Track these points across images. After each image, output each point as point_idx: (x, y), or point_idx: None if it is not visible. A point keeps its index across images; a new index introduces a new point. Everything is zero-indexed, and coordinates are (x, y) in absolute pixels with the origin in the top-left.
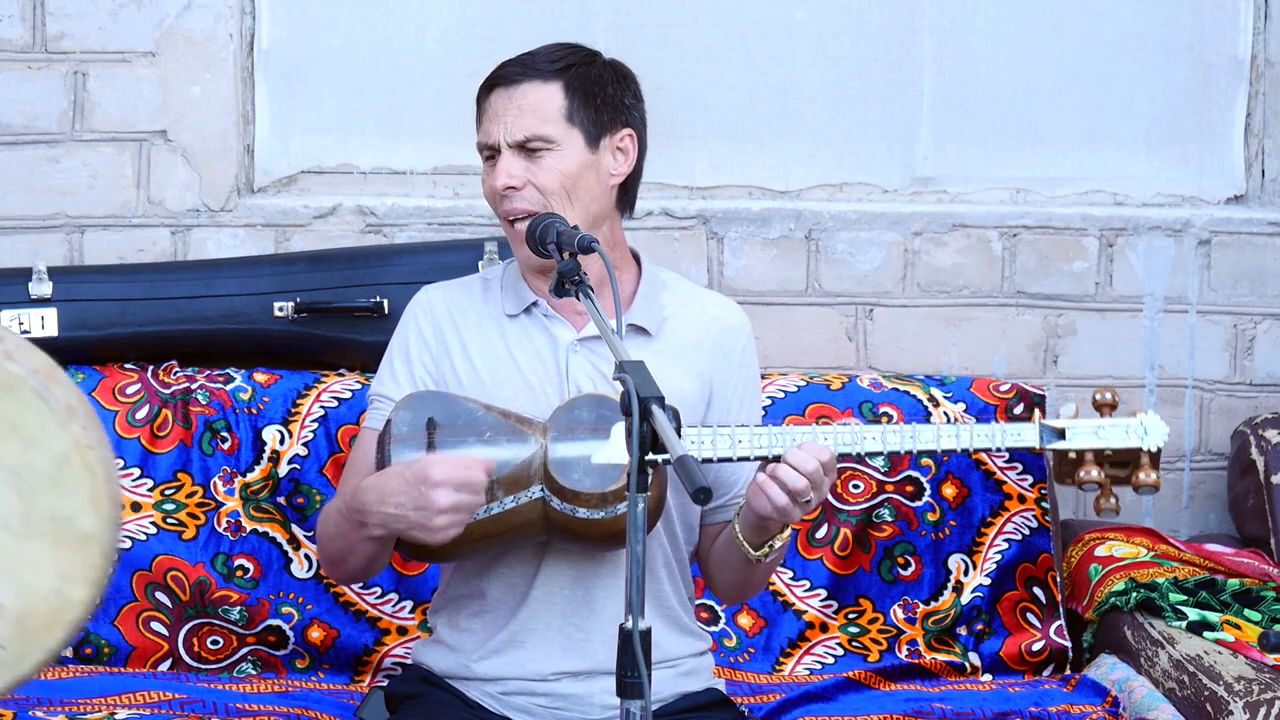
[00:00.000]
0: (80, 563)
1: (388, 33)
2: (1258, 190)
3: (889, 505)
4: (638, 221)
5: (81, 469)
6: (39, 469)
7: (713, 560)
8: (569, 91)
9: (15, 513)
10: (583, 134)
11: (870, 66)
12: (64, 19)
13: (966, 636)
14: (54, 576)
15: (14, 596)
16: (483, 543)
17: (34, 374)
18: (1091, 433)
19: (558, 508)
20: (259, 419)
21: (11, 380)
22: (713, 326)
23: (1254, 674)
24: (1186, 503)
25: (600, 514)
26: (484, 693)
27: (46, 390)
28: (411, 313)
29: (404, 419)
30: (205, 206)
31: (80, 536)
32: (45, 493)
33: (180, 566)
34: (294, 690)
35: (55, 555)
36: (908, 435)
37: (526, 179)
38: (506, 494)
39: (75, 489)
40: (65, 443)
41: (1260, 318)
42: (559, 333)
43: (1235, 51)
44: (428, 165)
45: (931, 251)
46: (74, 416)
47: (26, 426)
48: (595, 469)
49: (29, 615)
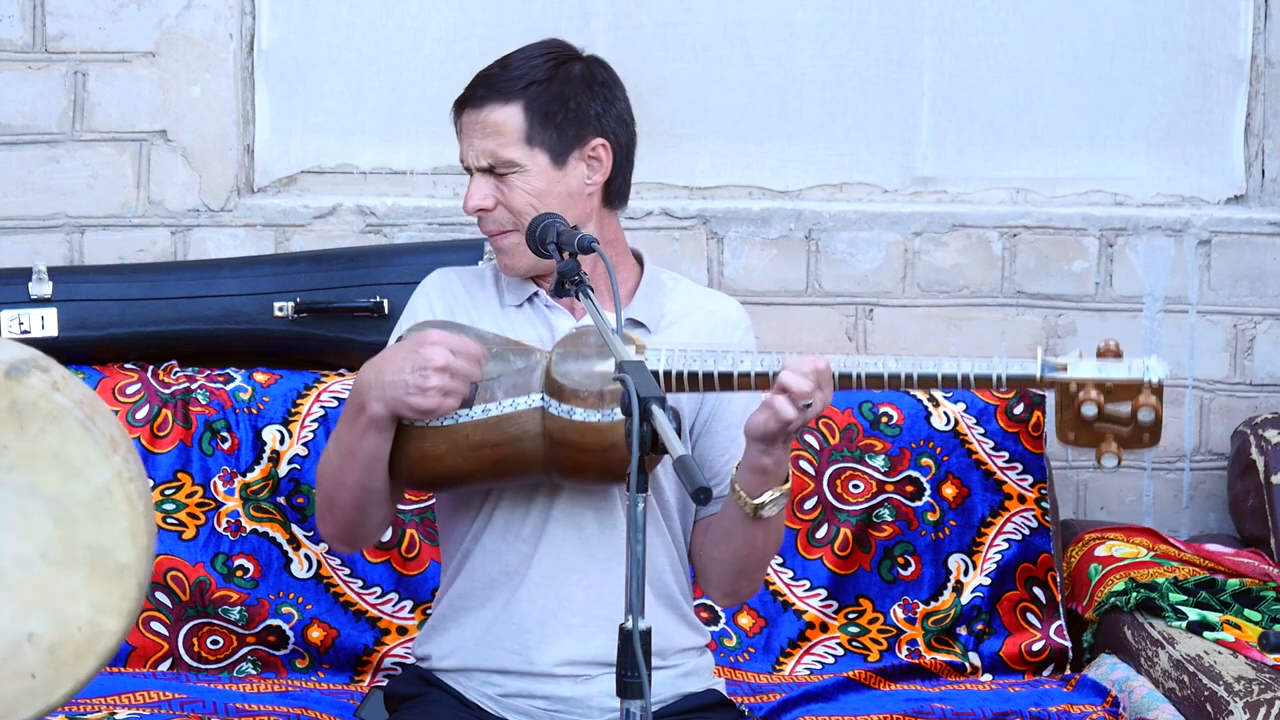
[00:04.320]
0: (116, 594)
1: (388, 33)
2: (1258, 190)
3: (889, 505)
4: (637, 221)
5: (123, 500)
6: (80, 499)
7: (708, 543)
8: (527, 113)
9: (53, 541)
10: (546, 153)
11: (870, 66)
12: (64, 19)
13: (966, 636)
14: (88, 607)
15: (48, 626)
16: (477, 454)
17: (79, 405)
18: (1093, 368)
19: (555, 413)
20: (259, 419)
21: (58, 411)
22: (709, 320)
23: (1254, 674)
24: (1186, 503)
25: (597, 416)
26: (483, 694)
27: (91, 422)
28: (424, 289)
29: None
30: (205, 206)
31: (117, 568)
32: (84, 523)
33: (180, 566)
34: (294, 690)
35: (90, 586)
36: (908, 363)
37: (496, 199)
38: (505, 397)
39: (115, 520)
40: (107, 474)
41: (1260, 318)
42: (558, 322)
43: (1235, 51)
44: (428, 165)
45: (931, 251)
46: (116, 449)
47: (70, 458)
48: (595, 375)
49: (61, 645)
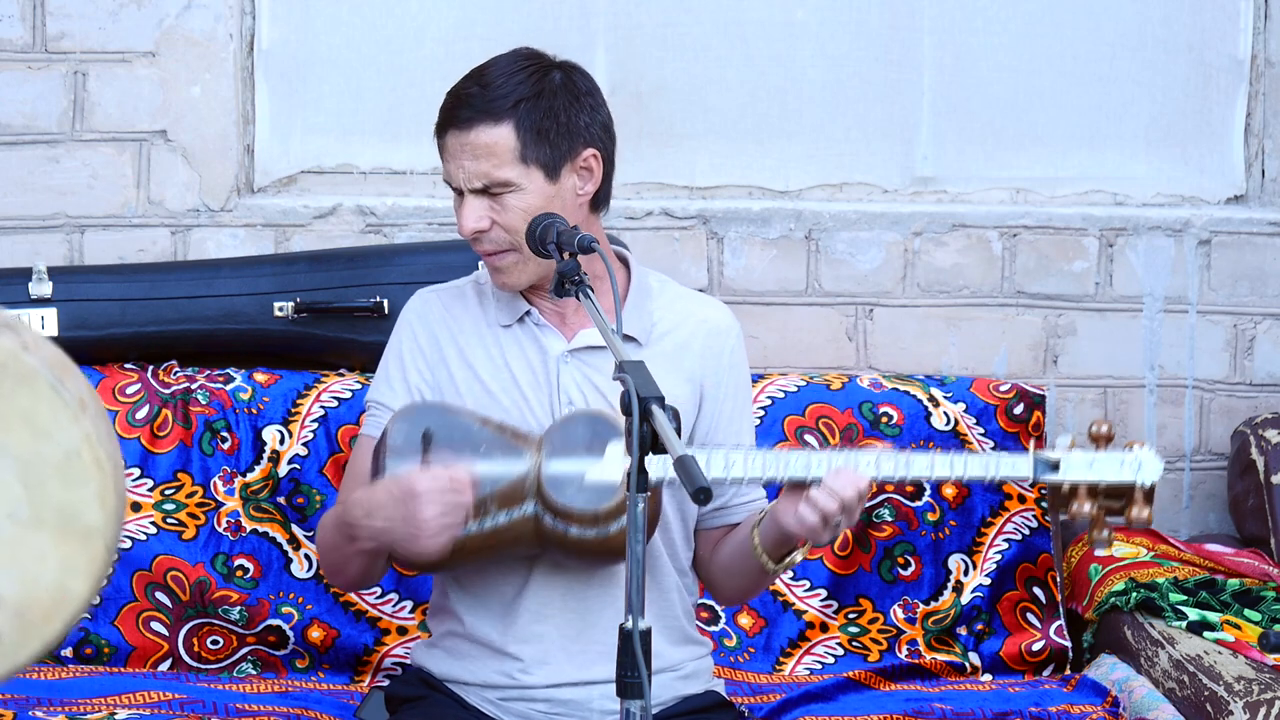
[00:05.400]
0: (83, 556)
1: (388, 33)
2: (1258, 190)
3: (889, 505)
4: (637, 221)
5: (91, 463)
6: (48, 461)
7: (717, 566)
8: (520, 131)
9: (21, 503)
10: (540, 170)
11: (870, 66)
12: (64, 19)
13: (966, 636)
14: (56, 568)
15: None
16: (475, 556)
17: (49, 367)
18: (1085, 465)
19: (550, 525)
20: (259, 419)
21: (27, 372)
22: (700, 329)
23: (1254, 674)
24: (1186, 503)
25: (592, 533)
26: (482, 699)
27: (60, 384)
28: (406, 319)
29: (400, 430)
30: (205, 206)
31: (85, 530)
32: (52, 485)
33: (180, 566)
34: (294, 690)
35: (59, 547)
36: (902, 463)
37: (492, 219)
38: (499, 509)
39: (83, 483)
40: (76, 437)
41: (1260, 318)
42: (550, 343)
43: (1235, 51)
44: (428, 165)
45: (931, 251)
46: (85, 411)
47: (39, 418)
48: (589, 487)
49: (29, 606)
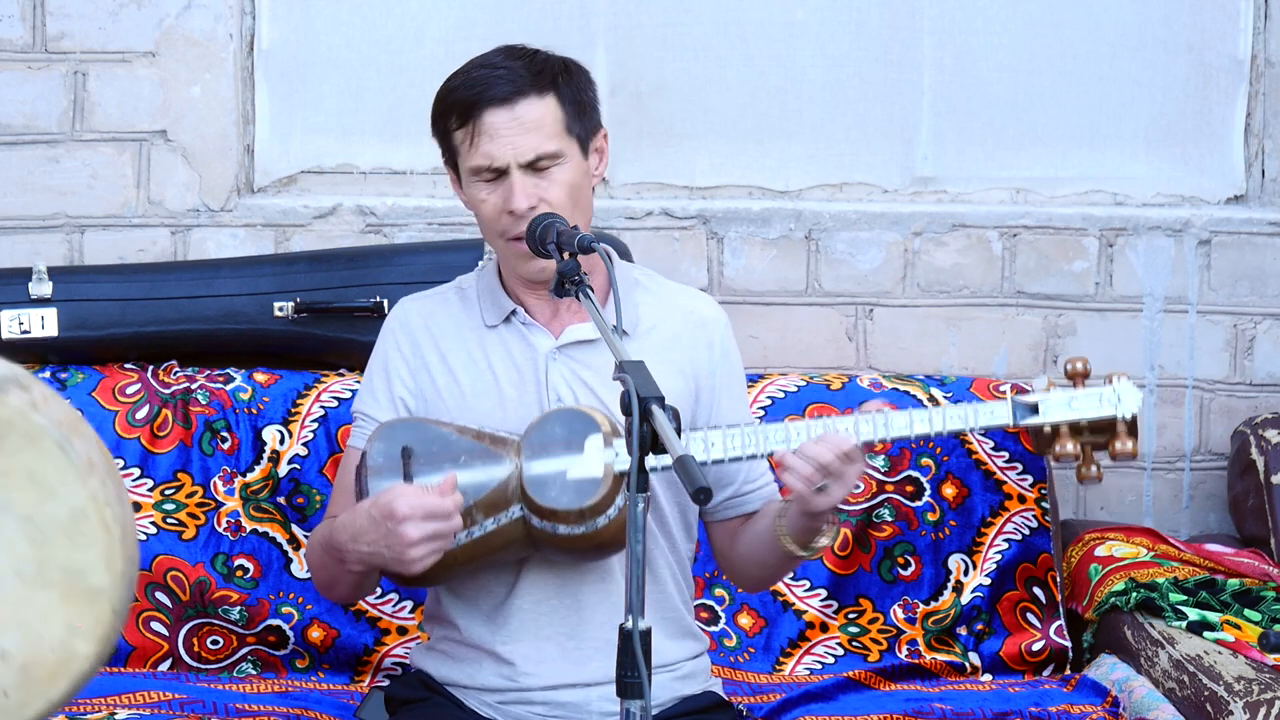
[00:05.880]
0: (89, 617)
1: (388, 33)
2: (1258, 190)
3: (889, 505)
4: (637, 221)
5: (98, 525)
6: (55, 520)
7: (739, 557)
8: (563, 103)
9: (28, 560)
10: (578, 143)
11: (870, 66)
12: (64, 19)
13: (966, 636)
14: (62, 628)
15: (21, 644)
16: (468, 565)
17: (57, 426)
18: (1064, 404)
19: (538, 525)
20: (259, 419)
21: (35, 431)
22: (688, 320)
23: (1254, 674)
24: (1186, 503)
25: (581, 529)
26: (481, 701)
27: (68, 443)
28: (389, 328)
29: (379, 450)
30: (205, 206)
31: (91, 591)
32: (59, 544)
33: (180, 566)
34: (294, 690)
35: (64, 607)
36: (880, 423)
37: (538, 196)
38: (486, 517)
39: (90, 544)
40: (83, 497)
41: (1260, 318)
42: (537, 341)
43: (1235, 51)
44: (428, 165)
45: (931, 251)
46: (94, 471)
47: (45, 477)
48: (571, 485)
49: (34, 664)
